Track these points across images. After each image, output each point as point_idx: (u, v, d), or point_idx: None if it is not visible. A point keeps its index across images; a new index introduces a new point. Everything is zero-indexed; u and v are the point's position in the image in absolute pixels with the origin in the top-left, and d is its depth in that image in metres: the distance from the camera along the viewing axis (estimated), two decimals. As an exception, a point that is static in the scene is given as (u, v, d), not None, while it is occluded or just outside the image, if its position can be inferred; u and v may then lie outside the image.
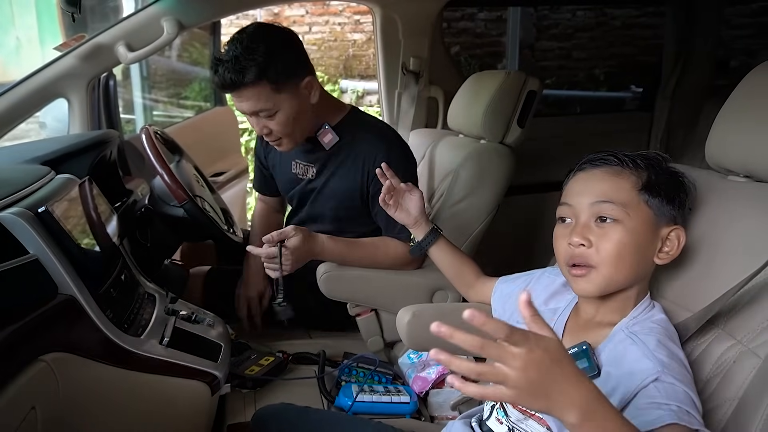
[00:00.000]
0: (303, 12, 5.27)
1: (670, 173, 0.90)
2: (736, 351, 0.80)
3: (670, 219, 0.86)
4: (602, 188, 0.86)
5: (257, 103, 1.32)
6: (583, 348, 0.83)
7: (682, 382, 0.73)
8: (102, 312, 1.01)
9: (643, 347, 0.78)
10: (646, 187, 0.86)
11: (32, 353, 0.86)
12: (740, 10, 3.60)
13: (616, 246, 0.83)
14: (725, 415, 0.77)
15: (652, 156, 0.90)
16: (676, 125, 2.62)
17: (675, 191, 0.88)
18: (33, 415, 0.84)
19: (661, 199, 0.85)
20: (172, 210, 1.41)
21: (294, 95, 1.35)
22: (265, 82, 1.30)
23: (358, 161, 1.45)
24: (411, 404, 1.28)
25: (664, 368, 0.74)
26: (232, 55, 1.28)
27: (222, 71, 1.29)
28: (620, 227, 0.84)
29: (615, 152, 0.89)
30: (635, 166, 0.88)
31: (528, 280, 1.10)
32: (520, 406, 0.74)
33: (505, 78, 1.75)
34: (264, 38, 1.32)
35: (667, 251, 0.86)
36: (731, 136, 0.94)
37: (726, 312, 0.84)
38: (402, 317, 1.25)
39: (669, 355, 0.76)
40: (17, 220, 0.92)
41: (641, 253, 0.85)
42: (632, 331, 0.81)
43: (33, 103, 1.62)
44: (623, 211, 0.84)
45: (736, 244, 0.87)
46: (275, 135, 1.40)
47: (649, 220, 0.85)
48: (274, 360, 1.36)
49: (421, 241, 1.29)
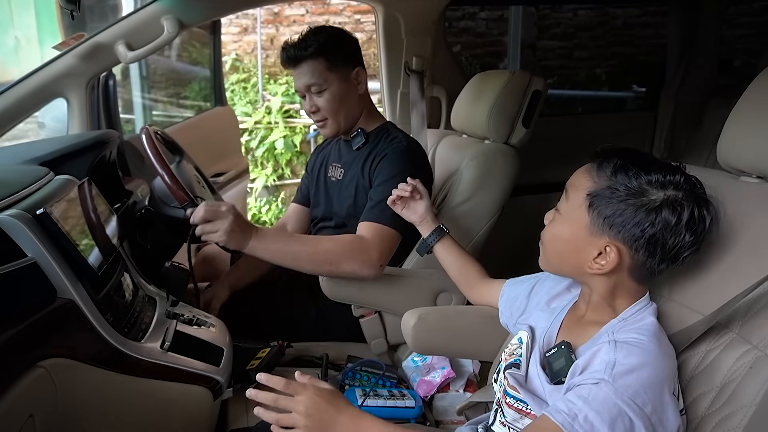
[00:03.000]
0: (303, 11, 5.25)
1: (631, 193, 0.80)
2: (752, 356, 0.78)
3: (610, 234, 0.82)
4: (573, 180, 0.89)
5: (311, 77, 1.48)
6: (562, 347, 0.86)
7: (621, 395, 0.72)
8: (102, 316, 0.99)
9: (611, 351, 0.77)
10: (591, 194, 0.83)
11: (30, 359, 0.84)
12: (743, 9, 3.58)
13: (552, 232, 0.91)
14: (741, 422, 0.75)
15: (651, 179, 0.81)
16: (679, 125, 2.61)
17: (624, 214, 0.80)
18: (31, 423, 0.82)
19: (599, 213, 0.82)
20: (173, 211, 1.39)
21: (344, 79, 1.51)
22: (322, 59, 1.47)
23: (371, 160, 1.52)
24: (416, 409, 1.26)
25: (611, 378, 0.73)
26: (299, 37, 1.50)
27: (289, 48, 1.50)
28: (559, 220, 0.89)
29: (609, 152, 0.85)
30: (602, 173, 0.83)
31: (533, 282, 1.10)
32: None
33: (509, 78, 1.73)
34: (329, 30, 1.56)
35: (602, 264, 0.83)
36: (744, 137, 0.93)
37: (741, 315, 0.82)
38: (407, 320, 1.24)
39: (631, 367, 0.74)
40: (15, 222, 0.91)
41: (571, 251, 0.87)
42: (616, 337, 0.80)
43: (32, 102, 1.61)
44: (566, 207, 0.88)
45: (749, 246, 0.85)
46: (321, 114, 1.52)
47: (584, 225, 0.84)
48: (270, 350, 1.35)
49: (427, 238, 1.31)
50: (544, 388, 0.86)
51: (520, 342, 0.95)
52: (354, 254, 1.35)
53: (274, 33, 5.31)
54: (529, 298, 1.08)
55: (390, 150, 1.49)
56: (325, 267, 1.37)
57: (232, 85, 5.17)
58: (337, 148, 1.67)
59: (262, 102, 5.19)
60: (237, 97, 5.17)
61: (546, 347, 0.92)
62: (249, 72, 5.29)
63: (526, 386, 0.88)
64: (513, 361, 0.93)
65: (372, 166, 1.51)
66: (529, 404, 0.86)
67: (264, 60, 5.28)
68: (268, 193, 5.10)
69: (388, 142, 1.53)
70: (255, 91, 5.25)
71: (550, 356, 0.87)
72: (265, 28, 5.29)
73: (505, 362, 0.94)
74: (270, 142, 4.98)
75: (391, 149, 1.49)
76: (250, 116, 5.05)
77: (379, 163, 1.49)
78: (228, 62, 5.11)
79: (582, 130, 2.60)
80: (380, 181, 1.46)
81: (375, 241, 1.37)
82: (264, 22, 5.27)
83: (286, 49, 1.50)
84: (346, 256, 1.35)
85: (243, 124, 4.83)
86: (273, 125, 5.03)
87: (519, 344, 0.95)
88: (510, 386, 0.90)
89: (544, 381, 0.86)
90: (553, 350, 0.87)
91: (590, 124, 2.70)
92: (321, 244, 1.40)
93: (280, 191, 5.13)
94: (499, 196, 1.63)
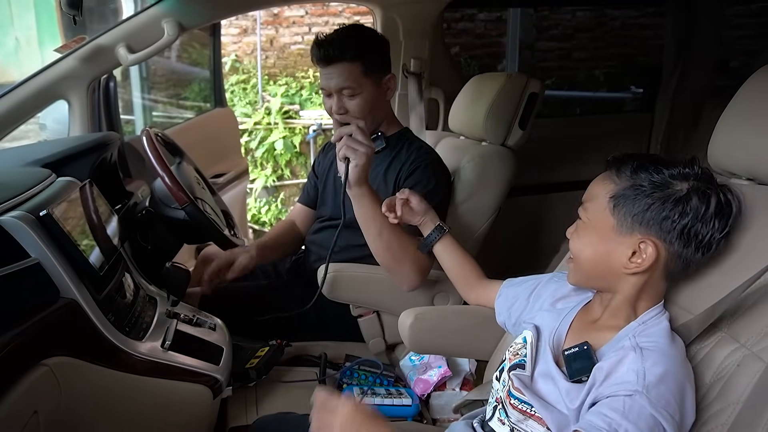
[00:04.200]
0: (302, 13, 5.26)
1: (656, 186, 0.83)
2: (740, 355, 0.79)
3: (641, 230, 0.83)
4: (590, 190, 0.90)
5: (346, 80, 1.45)
6: (584, 348, 0.85)
7: (655, 406, 0.73)
8: (103, 315, 1.01)
9: (638, 360, 0.77)
10: (615, 196, 0.85)
11: (34, 358, 0.86)
12: (740, 10, 3.60)
13: (578, 246, 0.90)
14: (728, 419, 0.77)
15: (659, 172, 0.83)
16: (676, 126, 2.62)
17: (653, 208, 0.82)
18: (35, 420, 0.84)
19: (626, 212, 0.83)
20: (173, 212, 1.40)
21: (377, 84, 1.50)
22: (359, 63, 1.45)
23: (397, 167, 1.52)
24: (413, 407, 1.27)
25: (644, 389, 0.74)
26: (337, 36, 1.46)
27: (326, 46, 1.44)
28: (583, 228, 0.90)
29: (622, 156, 0.88)
30: (623, 173, 0.85)
31: (535, 283, 1.09)
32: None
33: (506, 80, 1.74)
34: (366, 32, 1.55)
35: (639, 262, 0.84)
36: (734, 139, 0.94)
37: (729, 315, 0.83)
38: (404, 320, 1.25)
39: (660, 377, 0.75)
40: (18, 224, 0.92)
41: (603, 255, 0.87)
42: (638, 341, 0.81)
43: (33, 105, 1.62)
44: (588, 215, 0.88)
45: (739, 247, 0.87)
46: (349, 117, 1.48)
47: (610, 228, 0.85)
48: (269, 349, 1.36)
49: (427, 237, 1.30)
50: (558, 386, 0.85)
51: (524, 342, 0.95)
52: (416, 265, 1.37)
53: (274, 34, 5.32)
54: (529, 299, 1.08)
55: (423, 163, 1.49)
56: (394, 261, 1.37)
57: (231, 86, 5.18)
58: None
59: (262, 103, 5.20)
60: (237, 98, 5.18)
61: (556, 347, 0.92)
62: (249, 73, 5.30)
63: (531, 387, 0.88)
64: (518, 361, 0.92)
65: (400, 176, 1.50)
66: (534, 406, 0.86)
67: (263, 61, 5.29)
68: (268, 194, 5.11)
69: (415, 152, 1.53)
70: (255, 92, 5.26)
71: (569, 354, 0.86)
72: (265, 29, 5.30)
73: (510, 362, 0.94)
74: (269, 143, 4.98)
75: (425, 162, 1.49)
76: (249, 117, 5.06)
77: (411, 175, 1.48)
78: (228, 63, 5.12)
79: (580, 131, 2.61)
80: (418, 191, 1.38)
81: (432, 260, 1.38)
82: (264, 24, 5.28)
83: (323, 47, 1.45)
84: (413, 262, 1.37)
85: (243, 125, 4.84)
86: (272, 126, 5.04)
87: (523, 344, 0.95)
88: (515, 387, 0.89)
89: (561, 378, 0.85)
90: (574, 349, 0.86)
91: (588, 125, 2.71)
92: (409, 239, 1.37)
93: (279, 192, 5.14)
94: (495, 197, 1.65)
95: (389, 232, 1.34)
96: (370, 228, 1.34)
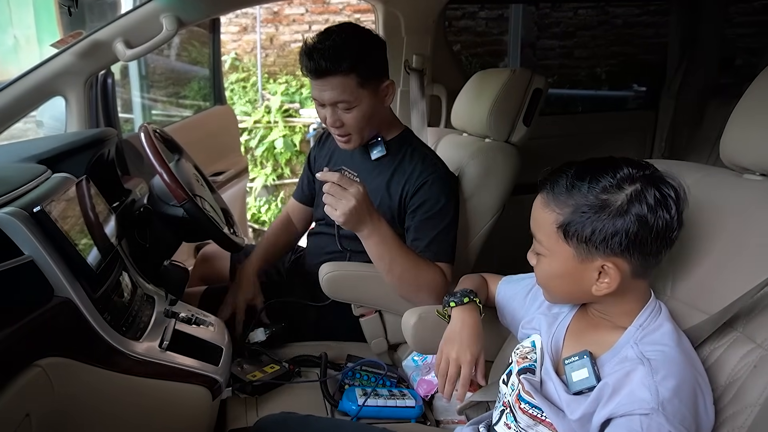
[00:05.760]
0: (303, 10, 5.24)
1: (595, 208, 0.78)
2: (757, 355, 0.77)
3: (599, 253, 0.80)
4: (535, 219, 0.87)
5: (341, 94, 1.34)
6: (584, 357, 0.83)
7: (672, 422, 0.71)
8: (99, 315, 0.98)
9: (649, 375, 0.75)
10: (561, 225, 0.81)
11: (27, 358, 0.83)
12: (744, 8, 3.58)
13: (544, 275, 0.89)
14: (746, 422, 0.75)
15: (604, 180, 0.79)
16: (680, 124, 2.60)
17: (599, 230, 0.78)
18: (27, 422, 0.81)
19: (578, 239, 0.80)
20: (172, 210, 1.38)
21: (374, 94, 1.39)
22: (354, 75, 1.33)
23: (401, 180, 1.44)
24: (416, 408, 1.25)
25: (659, 406, 0.72)
26: (329, 44, 1.31)
27: (317, 57, 1.30)
28: (544, 261, 0.87)
29: (554, 176, 0.84)
30: (558, 200, 0.81)
31: (532, 282, 1.07)
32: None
33: (510, 76, 1.72)
34: (359, 35, 1.38)
35: (607, 282, 0.81)
36: (747, 134, 0.92)
37: (745, 314, 0.81)
38: (407, 319, 1.23)
39: (674, 390, 0.73)
40: (11, 220, 0.89)
41: (572, 283, 0.85)
42: (643, 351, 0.78)
43: (30, 101, 1.59)
44: (543, 248, 0.86)
45: (753, 244, 0.84)
46: (346, 130, 1.40)
47: (571, 256, 0.82)
48: (279, 369, 1.34)
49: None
50: (560, 397, 0.84)
51: (533, 346, 0.93)
52: (433, 291, 1.33)
53: (274, 32, 5.30)
54: (526, 298, 1.06)
55: (431, 177, 1.41)
56: (409, 289, 1.34)
57: (231, 85, 5.17)
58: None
59: (262, 101, 5.19)
60: (236, 97, 5.17)
61: (554, 354, 0.90)
62: (248, 71, 5.29)
63: (542, 392, 0.87)
64: (527, 365, 0.91)
65: (406, 189, 1.42)
66: (545, 411, 0.85)
67: (263, 59, 5.28)
68: (268, 193, 5.09)
69: (420, 162, 1.44)
70: (254, 90, 5.25)
71: (568, 364, 0.84)
72: (265, 27, 5.28)
73: (518, 365, 0.92)
74: (269, 142, 4.97)
75: (432, 177, 1.41)
76: (249, 115, 5.05)
77: (419, 191, 1.41)
78: (227, 61, 5.11)
79: (583, 129, 2.60)
80: (427, 209, 1.40)
81: (448, 282, 1.36)
82: (263, 21, 5.26)
83: (313, 59, 1.31)
84: (429, 289, 1.33)
85: (242, 123, 4.83)
86: (272, 124, 5.02)
87: (532, 348, 0.93)
88: (525, 391, 0.88)
89: (561, 390, 0.84)
90: (574, 358, 0.83)
91: (591, 123, 2.70)
92: (421, 267, 1.34)
93: (279, 191, 5.12)
94: (500, 194, 1.62)
95: (400, 266, 1.30)
96: (379, 265, 1.31)
